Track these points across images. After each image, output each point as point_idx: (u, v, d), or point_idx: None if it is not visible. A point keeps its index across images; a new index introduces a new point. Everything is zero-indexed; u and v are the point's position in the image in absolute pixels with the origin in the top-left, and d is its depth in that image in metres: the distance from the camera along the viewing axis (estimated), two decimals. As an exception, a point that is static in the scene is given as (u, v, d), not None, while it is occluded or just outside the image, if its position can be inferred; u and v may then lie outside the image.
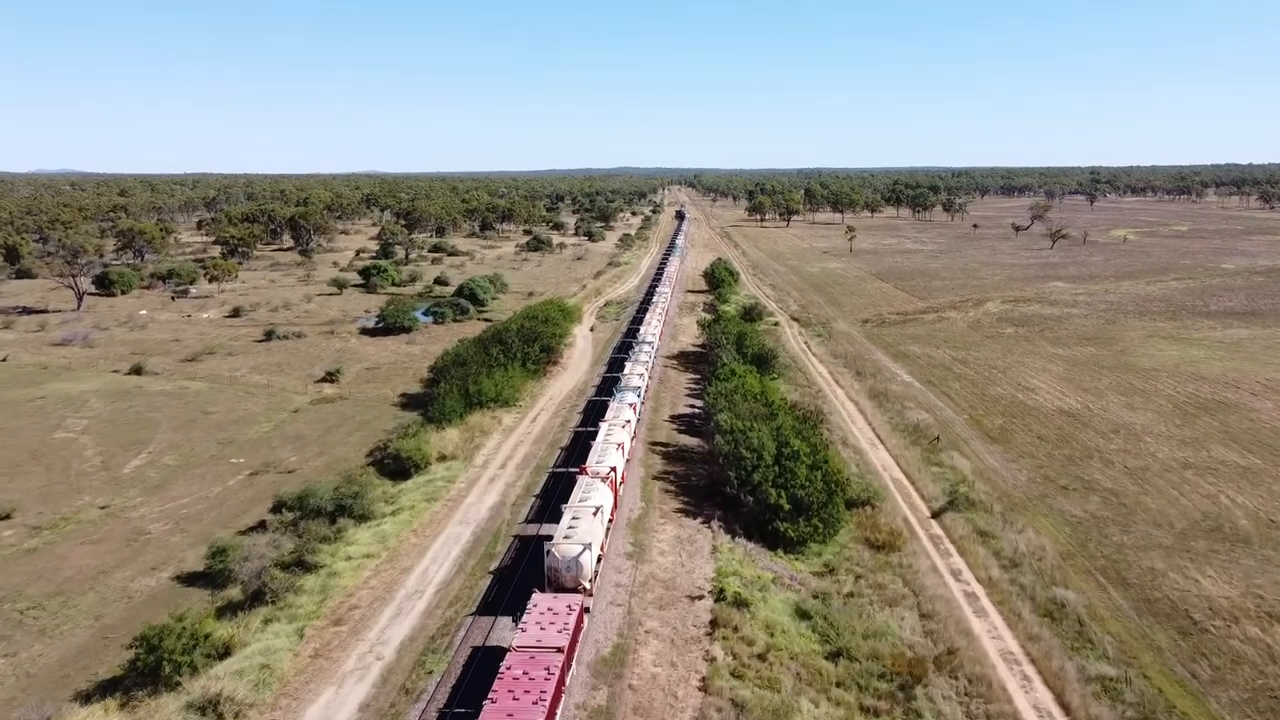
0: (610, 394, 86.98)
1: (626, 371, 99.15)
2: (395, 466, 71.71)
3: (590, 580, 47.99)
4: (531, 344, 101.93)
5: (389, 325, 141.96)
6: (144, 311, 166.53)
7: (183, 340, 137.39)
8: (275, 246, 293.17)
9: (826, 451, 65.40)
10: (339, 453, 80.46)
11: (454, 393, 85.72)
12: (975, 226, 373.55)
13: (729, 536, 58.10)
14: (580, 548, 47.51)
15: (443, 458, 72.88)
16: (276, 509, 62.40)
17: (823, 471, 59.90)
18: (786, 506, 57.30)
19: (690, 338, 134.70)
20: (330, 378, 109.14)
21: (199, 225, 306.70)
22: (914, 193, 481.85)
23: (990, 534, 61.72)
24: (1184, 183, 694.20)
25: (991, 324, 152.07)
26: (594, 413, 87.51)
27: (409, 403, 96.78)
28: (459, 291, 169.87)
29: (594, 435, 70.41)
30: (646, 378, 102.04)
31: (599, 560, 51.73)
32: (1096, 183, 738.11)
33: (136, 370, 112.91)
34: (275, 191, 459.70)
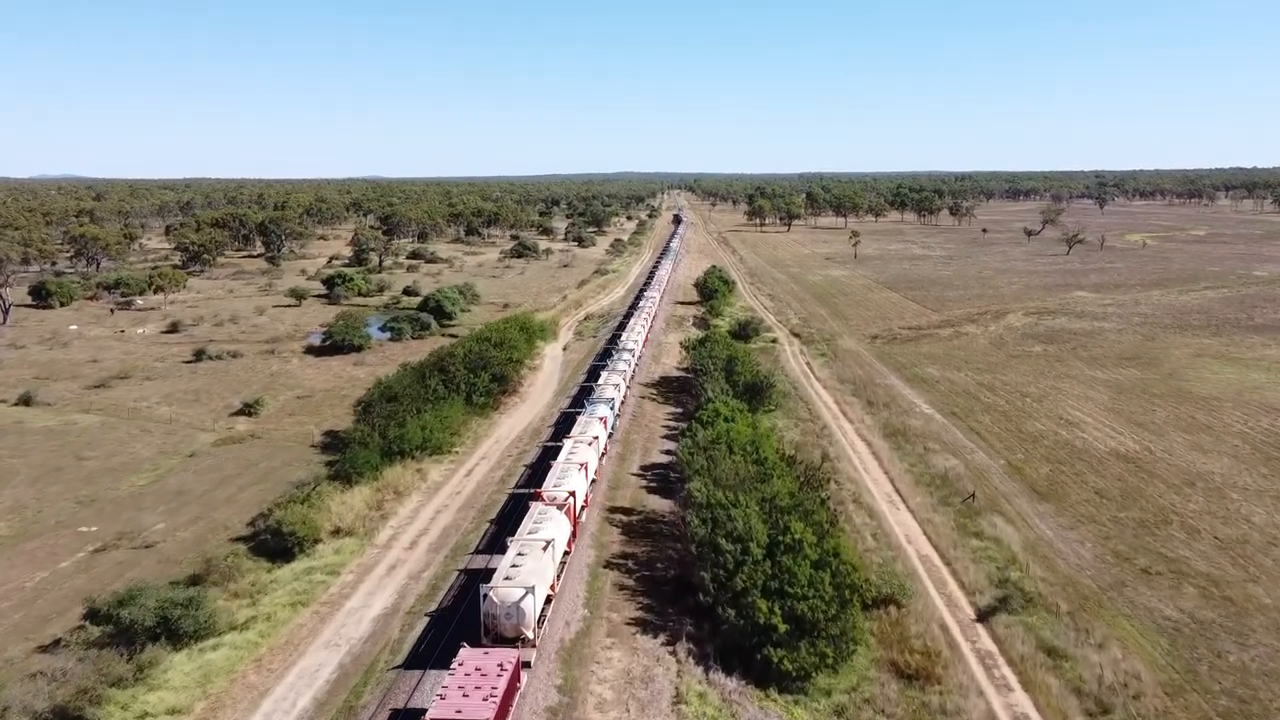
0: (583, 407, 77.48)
1: (601, 381, 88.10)
2: (275, 544, 55.17)
3: (533, 629, 42.35)
4: (480, 372, 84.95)
5: (336, 343, 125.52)
6: (74, 327, 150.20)
7: (102, 361, 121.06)
8: (245, 253, 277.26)
9: (838, 535, 48.67)
10: (222, 516, 63.94)
11: (374, 438, 69.15)
12: (985, 231, 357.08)
13: (700, 669, 41.33)
14: (522, 591, 41.68)
15: (337, 531, 56.22)
16: (90, 617, 45.87)
17: (832, 570, 43.27)
18: (782, 627, 40.67)
19: (675, 359, 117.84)
20: (248, 410, 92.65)
21: (168, 231, 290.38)
22: (919, 196, 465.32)
23: (1061, 652, 45.08)
24: (1194, 186, 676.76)
25: (1016, 340, 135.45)
26: (567, 427, 76.05)
27: (332, 443, 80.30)
28: (423, 304, 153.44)
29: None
30: (624, 387, 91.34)
31: (548, 602, 46.03)
32: (1103, 186, 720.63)
33: (25, 400, 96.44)
34: (254, 195, 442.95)
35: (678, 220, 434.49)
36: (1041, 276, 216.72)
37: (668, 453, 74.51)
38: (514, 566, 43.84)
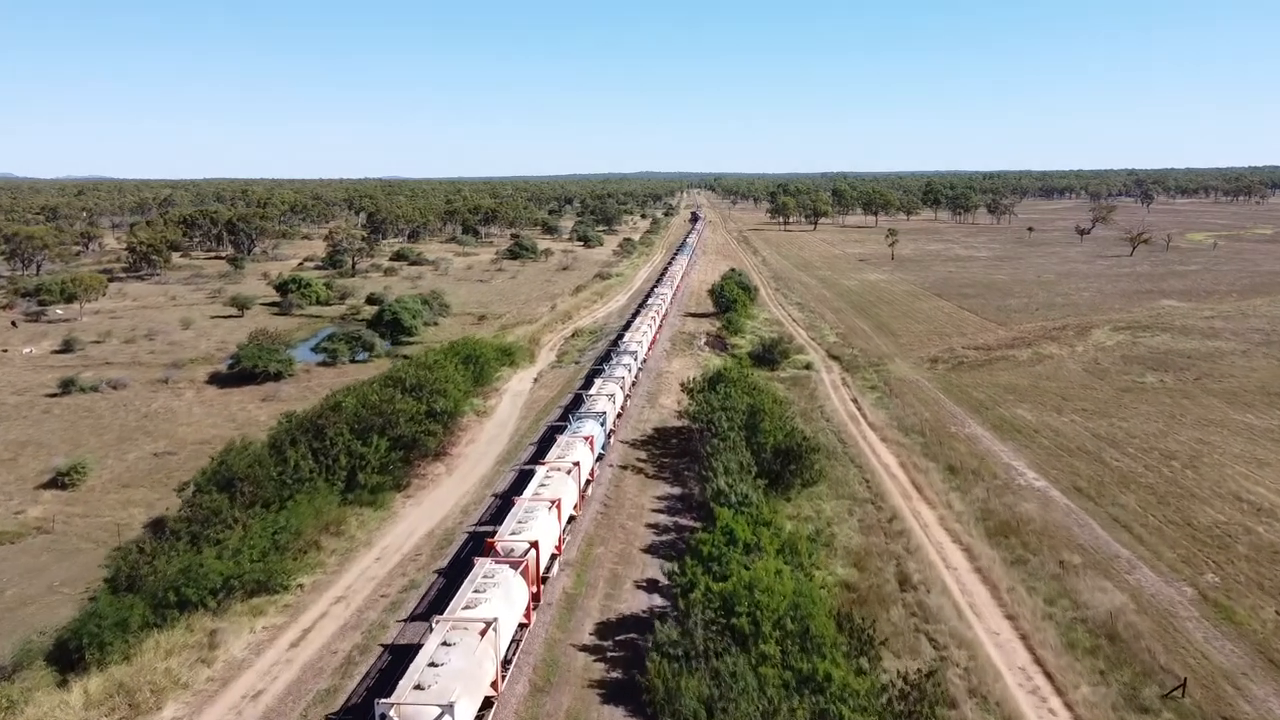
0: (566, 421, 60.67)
1: (594, 391, 71.51)
2: None
3: None
4: (375, 439, 55.99)
5: (247, 370, 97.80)
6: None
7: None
8: (214, 254, 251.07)
9: None
10: None
11: (151, 573, 40.93)
12: (1031, 230, 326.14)
13: None
14: (437, 710, 27.62)
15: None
16: None
17: None
18: None
19: (676, 400, 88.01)
20: (62, 479, 64.97)
21: (132, 230, 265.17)
22: (954, 193, 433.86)
23: None
24: (1241, 184, 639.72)
25: (1116, 365, 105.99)
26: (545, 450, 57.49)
27: (158, 539, 52.27)
28: (377, 318, 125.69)
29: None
30: (621, 397, 75.03)
31: (487, 706, 31.87)
32: (1140, 184, 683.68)
33: None
34: (239, 191, 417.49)
35: (695, 218, 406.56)
36: (1112, 281, 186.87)
37: (650, 584, 45.33)
38: (432, 666, 30.56)
